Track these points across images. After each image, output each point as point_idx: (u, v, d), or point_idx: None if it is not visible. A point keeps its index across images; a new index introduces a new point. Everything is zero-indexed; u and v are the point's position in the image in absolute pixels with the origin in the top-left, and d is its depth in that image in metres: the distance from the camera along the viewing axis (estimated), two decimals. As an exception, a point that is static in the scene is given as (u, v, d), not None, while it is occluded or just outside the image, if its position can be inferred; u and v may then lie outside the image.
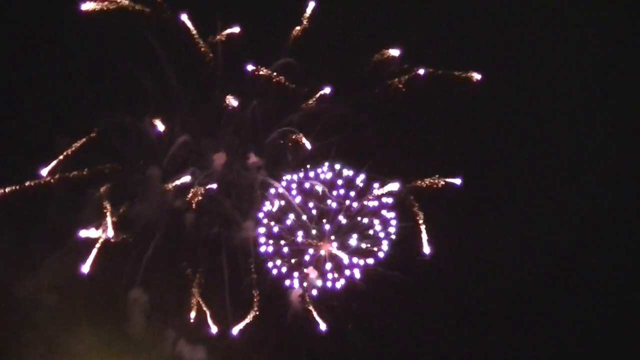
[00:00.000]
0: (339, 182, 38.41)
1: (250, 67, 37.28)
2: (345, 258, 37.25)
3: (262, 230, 37.55)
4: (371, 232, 38.07)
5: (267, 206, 37.65)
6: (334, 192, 38.02)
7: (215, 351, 37.00)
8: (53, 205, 36.20)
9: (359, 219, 38.11)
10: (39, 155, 35.93)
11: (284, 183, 37.88)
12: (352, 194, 38.06)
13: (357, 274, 37.36)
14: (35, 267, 36.03)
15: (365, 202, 38.03)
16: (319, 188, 37.98)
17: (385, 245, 37.69)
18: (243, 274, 36.90)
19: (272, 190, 37.78)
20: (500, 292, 37.98)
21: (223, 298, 36.64)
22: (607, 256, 38.29)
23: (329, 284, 37.19)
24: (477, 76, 38.37)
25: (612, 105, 39.33)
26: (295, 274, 37.18)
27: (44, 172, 35.45)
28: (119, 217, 36.07)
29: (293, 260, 37.56)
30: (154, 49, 36.88)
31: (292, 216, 37.64)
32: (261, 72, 37.35)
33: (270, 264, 37.10)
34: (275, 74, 37.44)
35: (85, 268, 35.27)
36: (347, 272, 37.35)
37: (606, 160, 38.43)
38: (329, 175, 38.21)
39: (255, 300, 36.34)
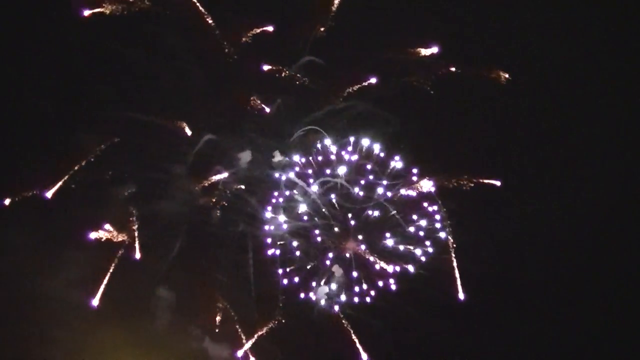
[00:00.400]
0: (368, 166, 35.74)
1: (266, 67, 36.84)
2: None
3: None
4: (411, 229, 35.55)
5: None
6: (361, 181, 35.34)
7: (241, 349, 36.85)
8: (77, 203, 36.27)
9: (393, 211, 35.26)
10: (65, 153, 36.15)
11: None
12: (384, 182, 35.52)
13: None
14: (61, 265, 36.07)
15: (402, 191, 34.67)
16: (341, 170, 35.70)
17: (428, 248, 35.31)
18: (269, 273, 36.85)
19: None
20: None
21: (249, 298, 36.58)
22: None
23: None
24: (504, 75, 37.35)
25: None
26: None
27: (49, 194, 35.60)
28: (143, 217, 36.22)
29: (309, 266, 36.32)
30: (177, 47, 36.85)
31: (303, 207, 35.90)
32: (283, 73, 37.10)
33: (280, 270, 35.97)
34: (298, 75, 37.27)
35: (95, 301, 35.57)
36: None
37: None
38: (354, 157, 35.82)
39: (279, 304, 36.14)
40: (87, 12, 36.07)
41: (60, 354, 36.17)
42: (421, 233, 36.22)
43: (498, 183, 36.54)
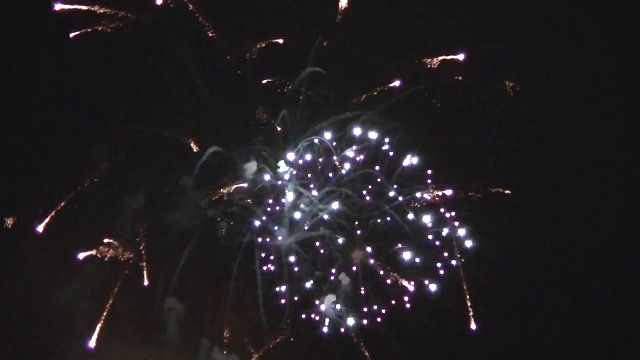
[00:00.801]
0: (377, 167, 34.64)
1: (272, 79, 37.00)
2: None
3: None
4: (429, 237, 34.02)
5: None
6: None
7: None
8: (90, 213, 36.78)
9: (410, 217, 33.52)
10: (76, 163, 36.88)
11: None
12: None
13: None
14: (73, 275, 36.54)
15: (419, 194, 32.63)
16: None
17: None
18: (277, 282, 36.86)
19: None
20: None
21: (257, 310, 36.62)
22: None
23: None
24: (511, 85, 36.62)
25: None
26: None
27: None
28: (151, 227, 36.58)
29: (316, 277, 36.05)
30: (185, 60, 37.30)
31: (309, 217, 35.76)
32: (287, 85, 37.24)
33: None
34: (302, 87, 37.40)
35: (92, 343, 35.76)
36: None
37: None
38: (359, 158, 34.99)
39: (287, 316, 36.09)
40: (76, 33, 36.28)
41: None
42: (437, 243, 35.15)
43: (508, 192, 35.74)
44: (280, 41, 37.53)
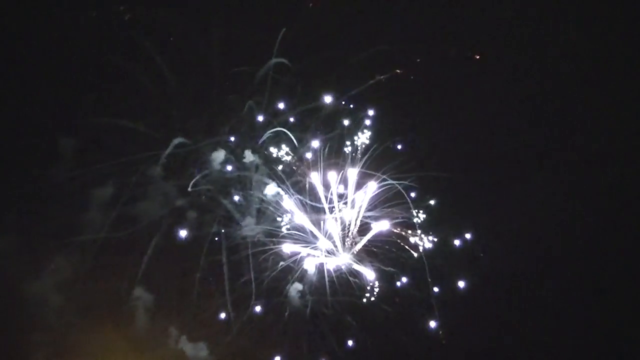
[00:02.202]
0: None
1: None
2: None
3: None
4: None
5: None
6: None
7: (217, 348, 37.16)
8: (57, 205, 36.94)
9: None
10: (42, 156, 37.09)
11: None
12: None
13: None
14: (41, 268, 36.65)
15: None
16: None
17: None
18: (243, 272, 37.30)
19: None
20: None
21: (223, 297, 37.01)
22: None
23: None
24: None
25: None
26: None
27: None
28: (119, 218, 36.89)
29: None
30: (151, 51, 37.66)
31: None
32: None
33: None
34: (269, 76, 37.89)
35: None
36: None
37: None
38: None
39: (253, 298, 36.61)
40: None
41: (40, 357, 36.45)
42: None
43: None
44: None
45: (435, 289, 36.64)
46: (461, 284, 36.79)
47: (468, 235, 37.60)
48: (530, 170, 39.51)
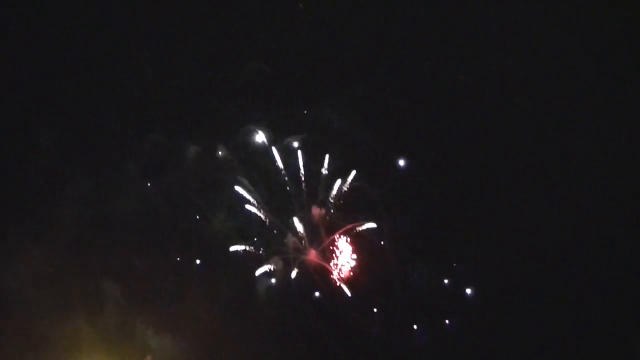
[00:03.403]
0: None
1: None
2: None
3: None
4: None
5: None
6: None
7: (190, 342, 37.67)
8: (33, 198, 37.39)
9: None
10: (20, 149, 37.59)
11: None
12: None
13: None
14: (13, 259, 36.95)
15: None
16: None
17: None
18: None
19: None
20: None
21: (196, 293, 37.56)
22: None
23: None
24: None
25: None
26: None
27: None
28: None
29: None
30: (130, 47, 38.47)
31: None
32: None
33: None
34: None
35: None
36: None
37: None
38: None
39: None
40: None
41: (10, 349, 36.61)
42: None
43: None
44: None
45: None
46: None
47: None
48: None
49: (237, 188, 38.50)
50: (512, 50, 39.35)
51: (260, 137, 38.91)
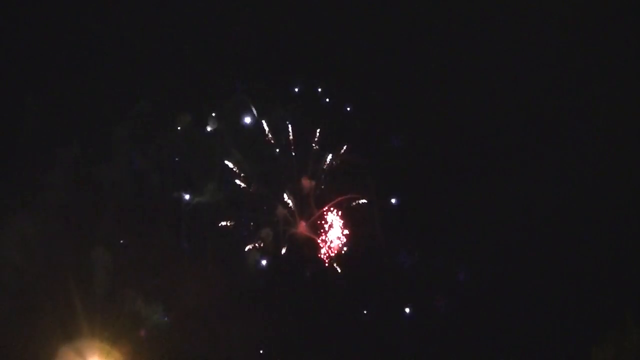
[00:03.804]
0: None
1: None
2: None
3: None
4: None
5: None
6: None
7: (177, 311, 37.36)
8: (20, 162, 37.10)
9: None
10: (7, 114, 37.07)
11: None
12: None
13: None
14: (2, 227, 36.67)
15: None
16: None
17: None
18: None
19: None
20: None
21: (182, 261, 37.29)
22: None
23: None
24: None
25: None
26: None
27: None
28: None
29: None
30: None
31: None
32: None
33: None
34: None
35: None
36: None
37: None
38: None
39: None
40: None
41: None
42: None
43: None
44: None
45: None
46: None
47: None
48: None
49: (226, 160, 38.03)
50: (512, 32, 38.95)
51: (248, 108, 38.40)
